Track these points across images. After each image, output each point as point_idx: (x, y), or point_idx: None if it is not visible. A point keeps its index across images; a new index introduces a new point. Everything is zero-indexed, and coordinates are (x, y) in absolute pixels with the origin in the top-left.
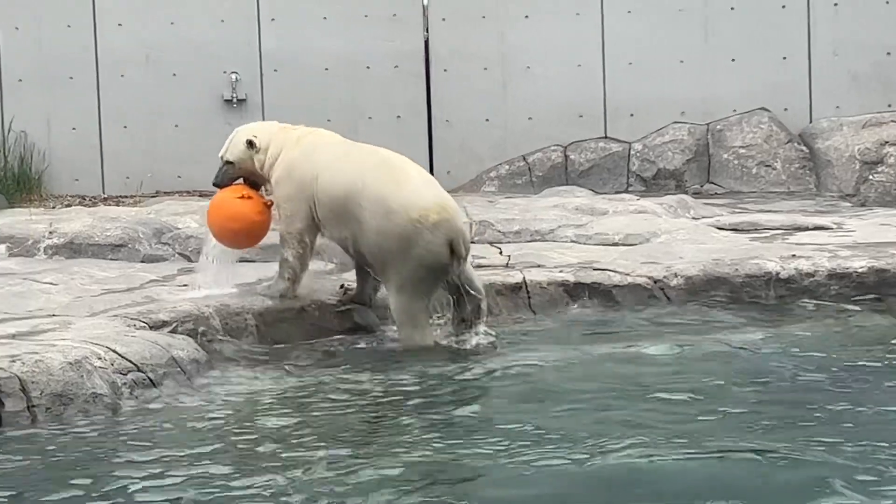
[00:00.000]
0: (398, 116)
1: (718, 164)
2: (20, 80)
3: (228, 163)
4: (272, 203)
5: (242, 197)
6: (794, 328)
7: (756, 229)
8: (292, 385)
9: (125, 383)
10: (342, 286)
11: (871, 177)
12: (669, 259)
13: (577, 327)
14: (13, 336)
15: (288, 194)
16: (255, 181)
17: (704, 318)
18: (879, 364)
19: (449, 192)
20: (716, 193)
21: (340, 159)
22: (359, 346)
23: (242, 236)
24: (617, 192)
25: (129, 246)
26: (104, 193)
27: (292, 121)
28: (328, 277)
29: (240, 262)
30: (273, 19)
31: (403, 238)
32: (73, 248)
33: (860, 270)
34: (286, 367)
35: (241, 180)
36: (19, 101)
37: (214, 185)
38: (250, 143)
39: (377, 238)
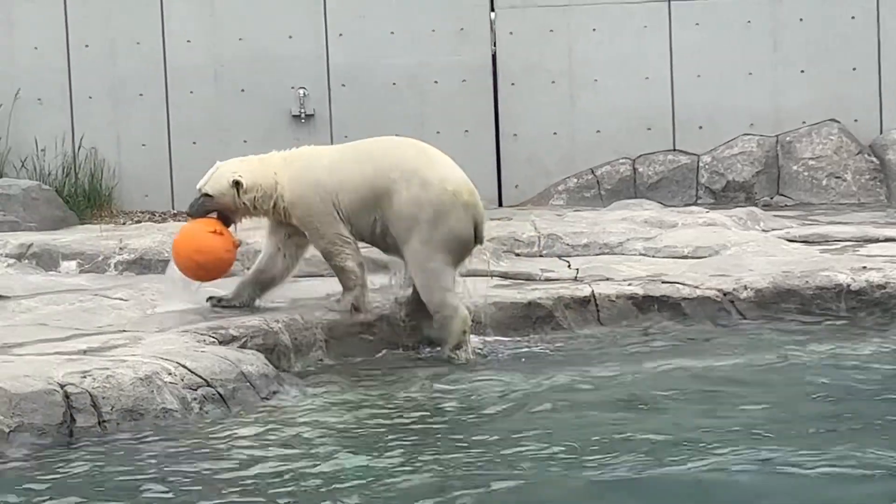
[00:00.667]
0: (466, 131)
1: (788, 175)
2: (90, 98)
3: (207, 195)
4: (240, 244)
5: (214, 232)
6: (864, 341)
7: (826, 241)
8: (359, 399)
9: (195, 398)
10: (396, 299)
11: None
12: (739, 271)
13: (645, 340)
14: (84, 352)
15: (312, 206)
16: (228, 217)
17: (774, 330)
18: None
19: (517, 205)
20: (785, 205)
21: (355, 151)
22: (427, 360)
23: (205, 270)
24: (686, 205)
25: None
26: (174, 209)
27: (361, 136)
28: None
29: (307, 276)
30: (341, 35)
31: (438, 208)
32: (143, 264)
33: None
34: (354, 381)
35: (214, 214)
36: (90, 118)
37: (188, 214)
38: (237, 184)
39: (411, 208)
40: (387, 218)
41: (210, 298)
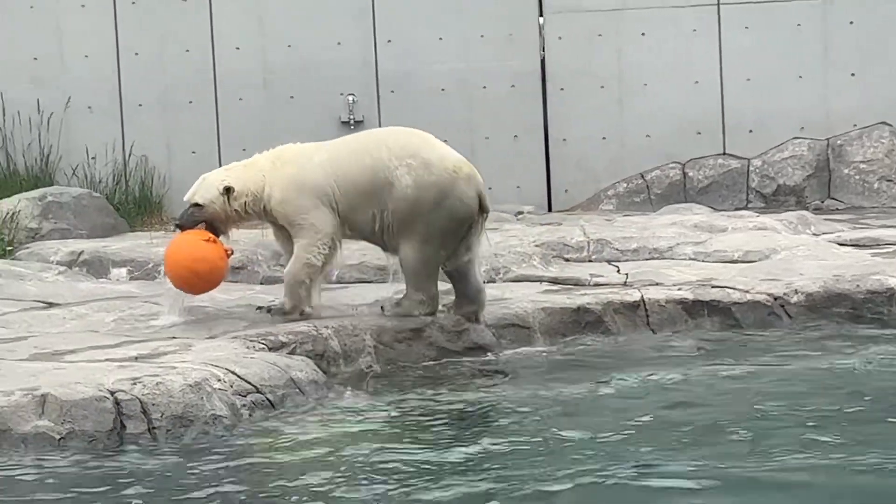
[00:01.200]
0: (515, 136)
1: (839, 179)
2: (140, 105)
3: (197, 205)
4: (232, 252)
5: (208, 241)
6: None
7: (878, 245)
8: (408, 404)
9: (244, 405)
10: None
11: None
12: (789, 276)
13: (696, 344)
14: (135, 358)
15: (304, 206)
16: (217, 227)
17: (825, 334)
18: None
19: (566, 210)
20: (836, 209)
21: (348, 146)
22: (475, 365)
23: (202, 280)
24: (736, 209)
25: (248, 268)
26: None
27: None
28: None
29: (358, 282)
30: (389, 41)
31: (440, 187)
32: None
33: None
34: (403, 387)
35: (202, 225)
36: (140, 126)
37: (177, 226)
38: (228, 190)
39: (415, 192)
40: (389, 207)
41: (259, 308)
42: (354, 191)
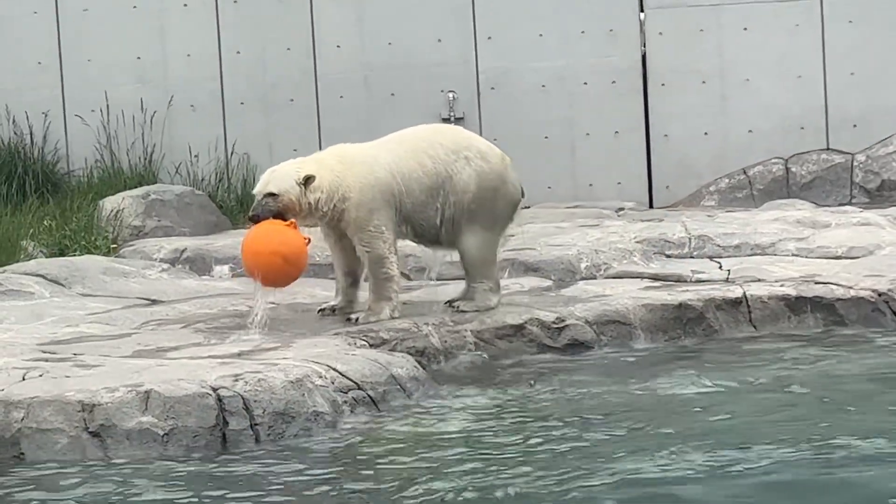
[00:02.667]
0: (616, 132)
1: None
2: (242, 104)
3: (271, 195)
4: (309, 240)
5: (290, 225)
6: None
7: None
8: (508, 401)
9: (345, 401)
10: (448, 302)
11: None
12: (894, 272)
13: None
14: (238, 355)
15: (378, 210)
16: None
17: None
18: None
19: (667, 207)
20: None
21: (403, 147)
22: (575, 361)
23: (290, 265)
24: (840, 205)
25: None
26: None
27: (511, 139)
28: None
29: (455, 278)
30: (490, 38)
31: (498, 175)
32: None
33: None
34: (504, 383)
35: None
36: (242, 124)
37: (251, 218)
38: (308, 179)
39: (477, 180)
40: (451, 200)
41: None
42: (419, 190)
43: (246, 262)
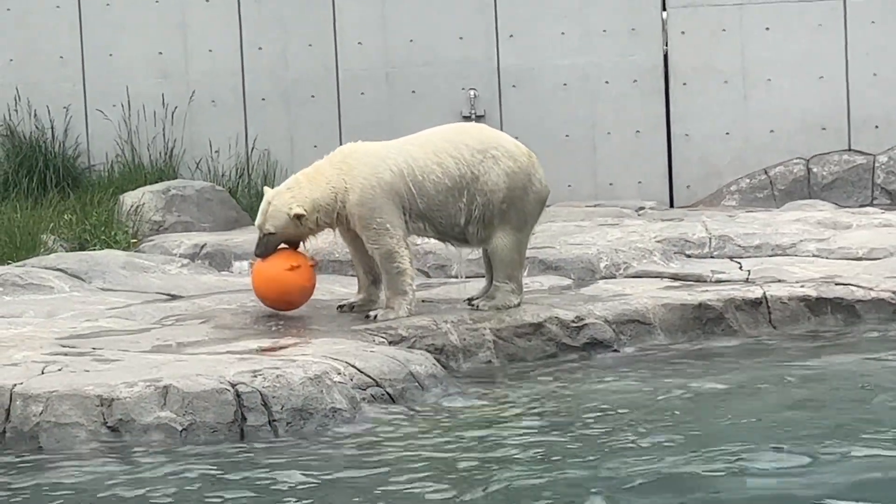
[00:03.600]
0: (637, 131)
1: None
2: (263, 100)
3: (271, 234)
4: (316, 263)
5: (291, 269)
6: None
7: None
8: (527, 399)
9: (364, 398)
10: (468, 300)
11: None
12: None
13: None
14: (256, 351)
15: (380, 208)
16: (293, 243)
17: None
18: None
19: (688, 206)
20: None
21: (423, 149)
22: (595, 360)
23: (296, 303)
24: (861, 206)
25: None
26: None
27: (532, 137)
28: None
29: (476, 276)
30: (511, 35)
31: (526, 172)
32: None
33: None
34: (522, 382)
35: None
36: (262, 120)
37: (257, 255)
38: (299, 218)
39: (505, 180)
40: (478, 200)
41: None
42: (435, 190)
43: (258, 292)
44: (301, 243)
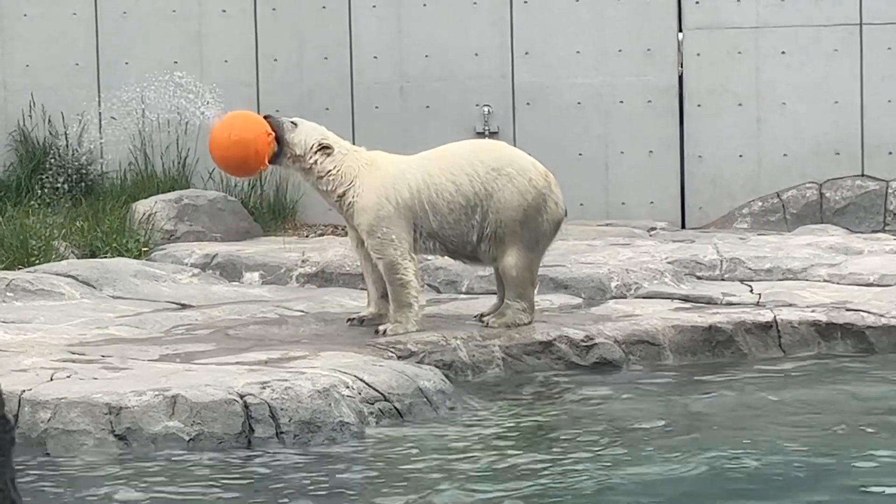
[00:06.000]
0: (650, 152)
1: None
2: (277, 111)
3: (293, 123)
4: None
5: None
6: None
7: None
8: (534, 417)
9: (372, 412)
10: (478, 316)
11: None
12: None
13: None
14: (265, 362)
15: (388, 219)
16: (282, 157)
17: None
18: None
19: (700, 228)
20: None
21: (438, 166)
22: (603, 380)
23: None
24: (873, 231)
25: None
26: None
27: (546, 154)
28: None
29: (487, 293)
30: (527, 53)
31: (540, 193)
32: (325, 277)
33: None
34: (531, 399)
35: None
36: None
37: (265, 117)
38: (324, 148)
39: (518, 199)
40: (491, 218)
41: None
42: (448, 209)
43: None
44: (281, 165)
